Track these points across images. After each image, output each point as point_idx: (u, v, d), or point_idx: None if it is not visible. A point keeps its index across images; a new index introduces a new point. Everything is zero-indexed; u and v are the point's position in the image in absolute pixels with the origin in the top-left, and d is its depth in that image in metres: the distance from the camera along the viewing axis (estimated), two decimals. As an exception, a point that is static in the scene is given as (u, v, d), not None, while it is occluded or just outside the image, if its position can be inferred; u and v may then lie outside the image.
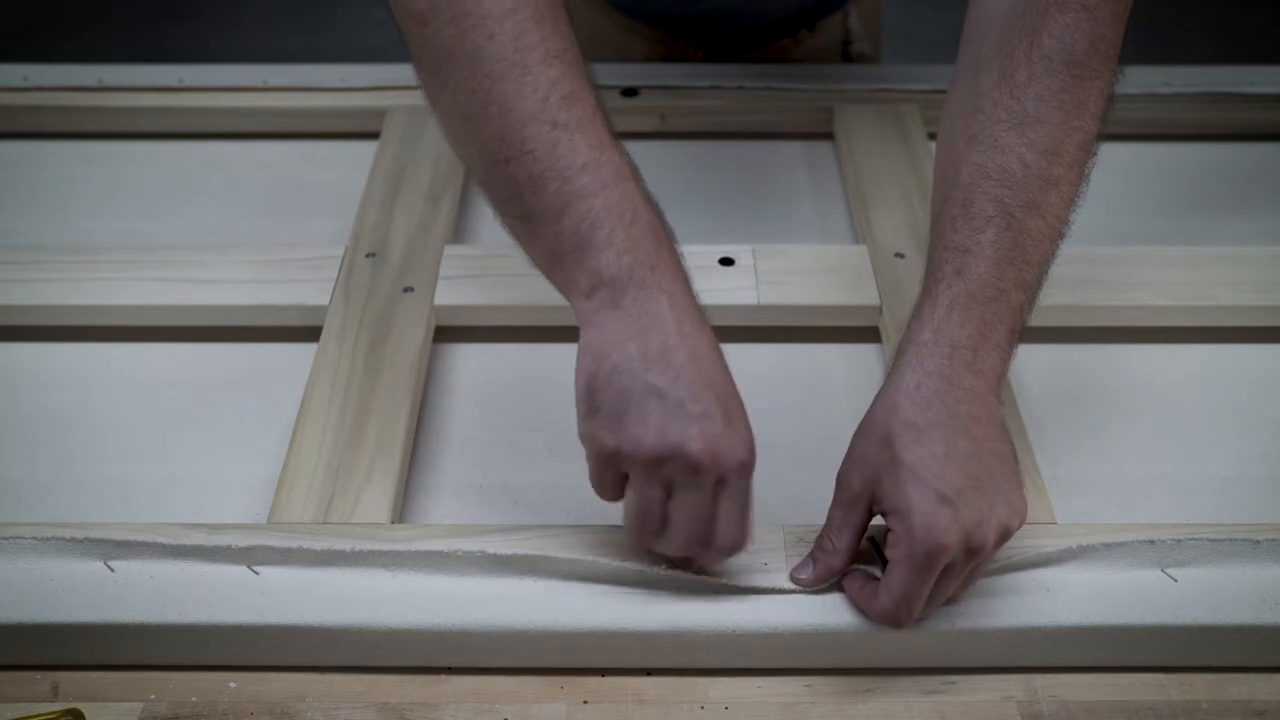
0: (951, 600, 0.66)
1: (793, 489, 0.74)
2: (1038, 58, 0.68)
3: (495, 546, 0.68)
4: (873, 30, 1.24)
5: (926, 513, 0.61)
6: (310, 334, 0.85)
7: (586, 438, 0.63)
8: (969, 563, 0.63)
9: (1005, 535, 0.64)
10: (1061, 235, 0.69)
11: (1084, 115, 0.69)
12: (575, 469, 0.78)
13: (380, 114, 1.07)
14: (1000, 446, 0.65)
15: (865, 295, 0.88)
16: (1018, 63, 0.69)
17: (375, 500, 0.72)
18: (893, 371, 0.67)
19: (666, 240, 0.65)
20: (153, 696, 0.66)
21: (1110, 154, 0.73)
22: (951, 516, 0.61)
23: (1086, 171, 0.70)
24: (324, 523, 0.71)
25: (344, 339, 0.83)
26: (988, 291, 0.66)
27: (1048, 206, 0.68)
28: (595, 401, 0.62)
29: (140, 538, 0.68)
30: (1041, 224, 0.67)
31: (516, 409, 0.84)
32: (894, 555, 0.63)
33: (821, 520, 0.68)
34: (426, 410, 0.83)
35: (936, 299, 0.67)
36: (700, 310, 0.65)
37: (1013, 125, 0.68)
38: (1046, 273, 0.69)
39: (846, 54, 1.22)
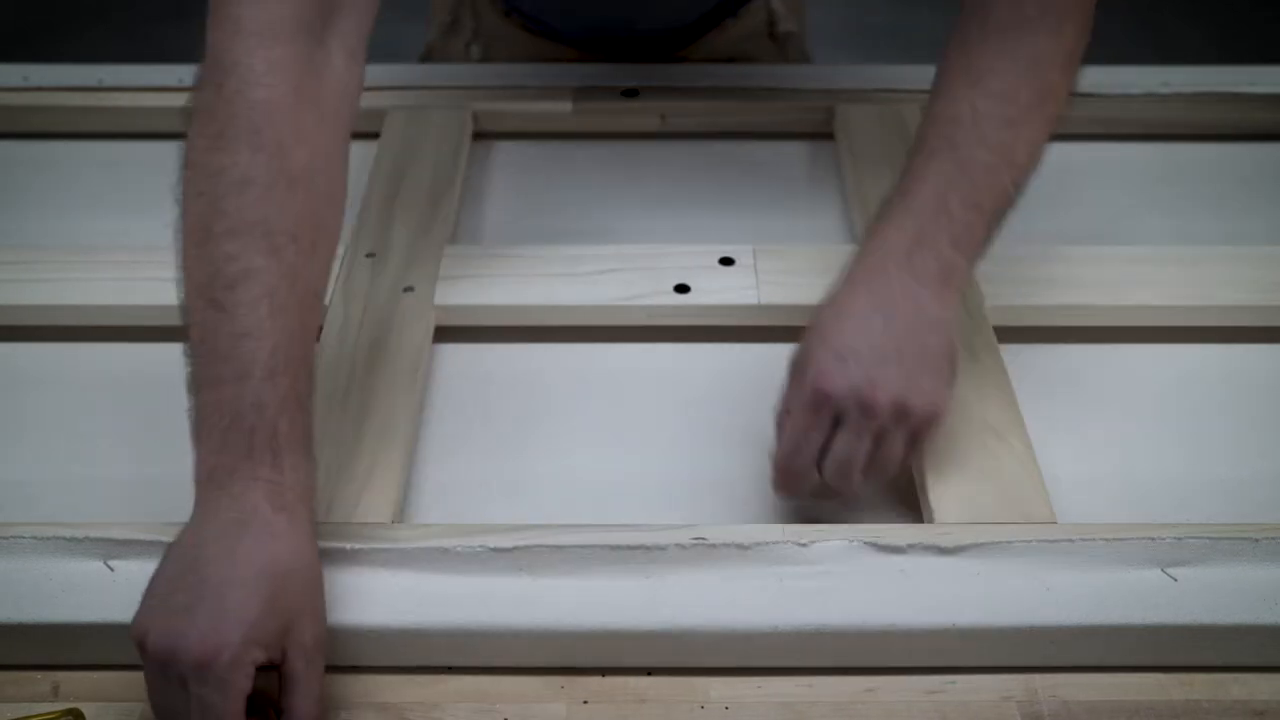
0: (890, 470, 0.69)
1: (793, 489, 0.73)
2: (991, 21, 0.73)
3: (496, 546, 0.68)
4: (795, 8, 1.24)
5: (820, 361, 0.67)
6: (310, 334, 0.85)
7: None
8: (866, 423, 0.66)
9: (903, 410, 0.66)
10: (1022, 168, 0.72)
11: (1039, 66, 0.72)
12: (575, 469, 0.79)
13: (380, 114, 1.07)
14: (930, 340, 0.68)
15: (865, 295, 0.88)
16: (971, 29, 0.73)
17: (375, 500, 0.72)
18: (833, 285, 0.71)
19: (267, 445, 0.62)
20: (153, 696, 0.66)
21: (1110, 154, 0.73)
22: (841, 370, 0.66)
23: (1052, 114, 0.73)
24: (324, 522, 0.70)
25: (344, 339, 0.83)
26: (928, 207, 0.70)
27: (998, 141, 0.71)
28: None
29: (140, 537, 0.68)
30: (989, 155, 0.71)
31: (516, 409, 0.84)
32: (791, 406, 0.67)
33: (822, 521, 0.68)
34: (426, 410, 0.83)
35: (879, 223, 0.72)
36: (303, 512, 0.63)
37: (966, 80, 0.72)
38: (1009, 199, 0.72)
39: (773, 34, 1.21)
